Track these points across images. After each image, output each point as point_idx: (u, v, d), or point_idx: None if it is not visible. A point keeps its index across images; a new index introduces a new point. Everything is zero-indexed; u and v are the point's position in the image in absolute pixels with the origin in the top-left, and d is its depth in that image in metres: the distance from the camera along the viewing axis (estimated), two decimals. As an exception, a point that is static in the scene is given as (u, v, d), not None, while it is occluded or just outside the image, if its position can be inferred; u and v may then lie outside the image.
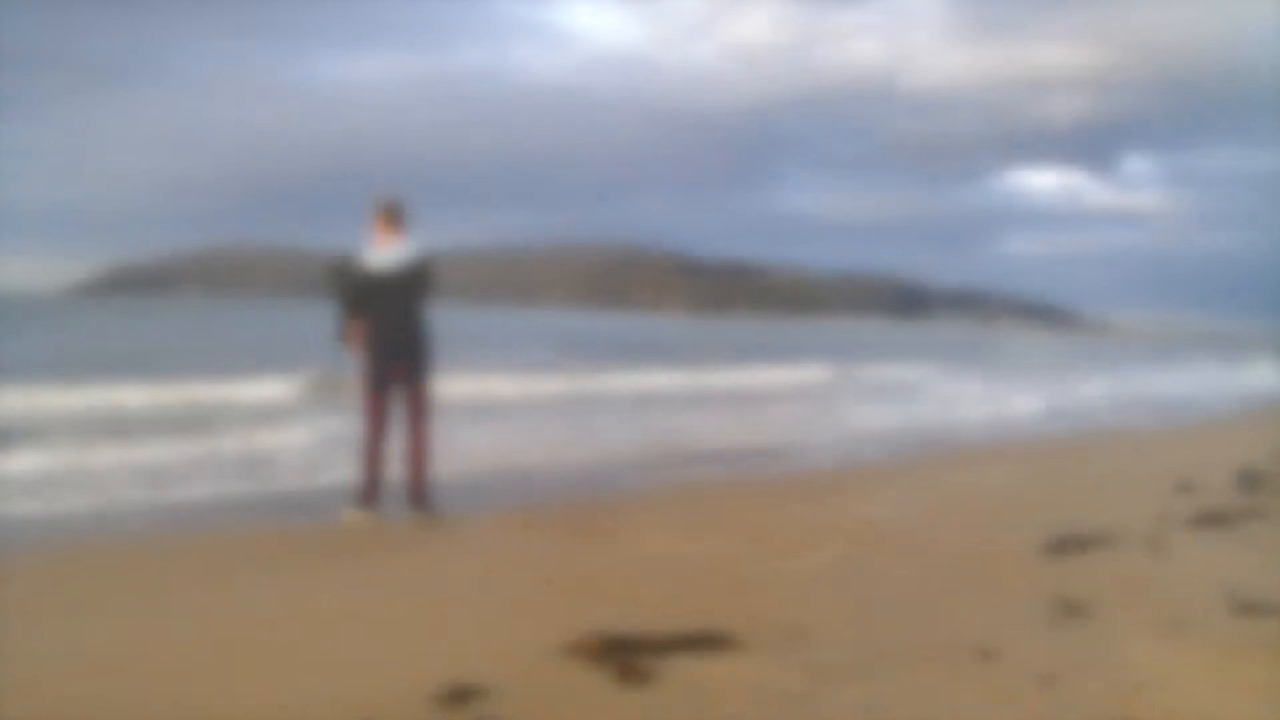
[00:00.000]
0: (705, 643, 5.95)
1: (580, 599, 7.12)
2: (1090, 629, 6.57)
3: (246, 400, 21.28)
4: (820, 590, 7.51)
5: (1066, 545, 9.02)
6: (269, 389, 22.53)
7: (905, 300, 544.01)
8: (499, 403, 23.08)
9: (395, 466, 9.99)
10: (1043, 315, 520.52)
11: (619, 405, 23.48)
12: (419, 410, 10.08)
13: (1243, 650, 6.05)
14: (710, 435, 18.19)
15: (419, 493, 10.00)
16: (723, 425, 19.99)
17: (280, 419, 18.02)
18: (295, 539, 9.17)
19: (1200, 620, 6.71)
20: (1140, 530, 9.81)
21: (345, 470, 11.36)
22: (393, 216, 10.25)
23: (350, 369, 10.36)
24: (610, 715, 4.94)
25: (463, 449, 14.34)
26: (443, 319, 10.57)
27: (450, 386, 26.77)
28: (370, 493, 9.95)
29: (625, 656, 5.57)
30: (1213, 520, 10.30)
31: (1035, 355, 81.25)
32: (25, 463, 12.36)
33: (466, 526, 9.75)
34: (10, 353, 36.02)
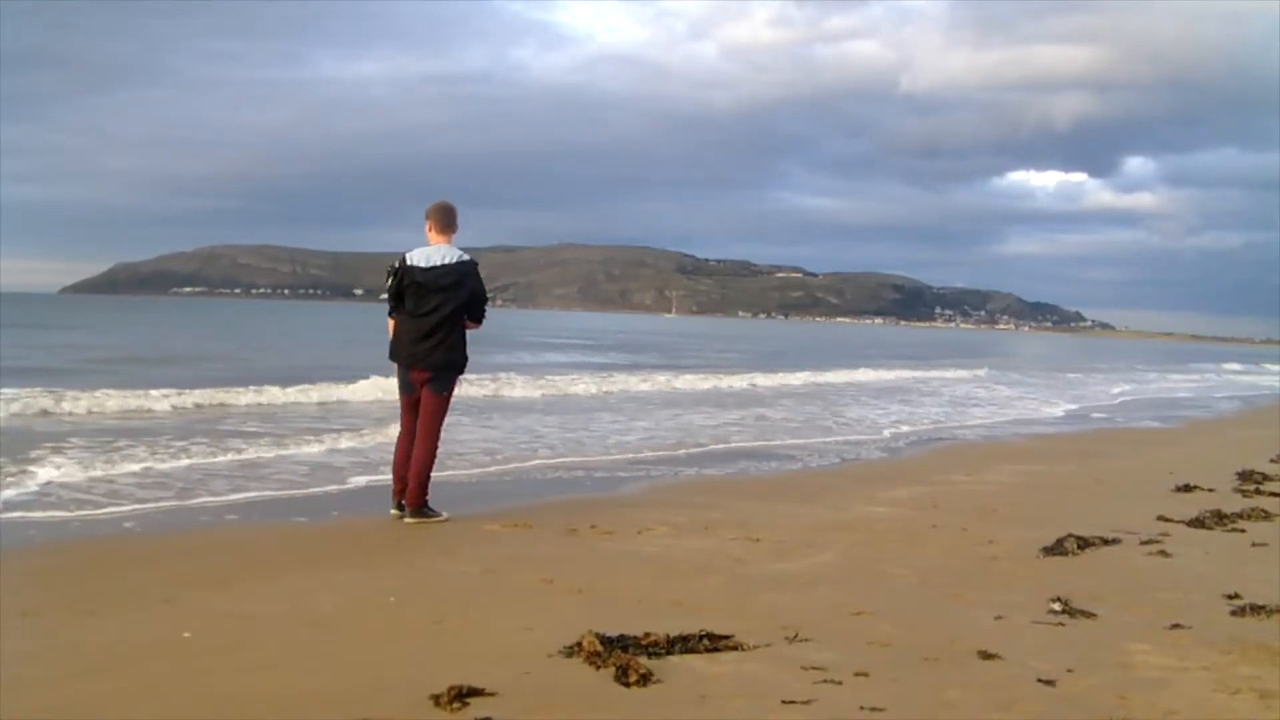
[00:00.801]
0: (705, 643, 5.94)
1: (580, 599, 7.12)
2: (1091, 629, 6.57)
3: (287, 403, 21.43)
4: (820, 590, 7.51)
5: (1067, 545, 9.02)
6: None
7: (906, 300, 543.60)
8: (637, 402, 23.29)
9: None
10: (1044, 315, 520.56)
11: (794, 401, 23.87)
12: (428, 419, 10.03)
13: (1242, 650, 6.05)
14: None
15: (412, 499, 9.95)
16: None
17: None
18: (294, 540, 9.17)
19: (1200, 620, 6.71)
20: (1141, 530, 9.82)
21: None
22: (440, 218, 10.12)
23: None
24: (610, 716, 4.93)
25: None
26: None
27: (539, 388, 27.13)
28: (398, 491, 10.06)
29: (625, 657, 5.56)
30: (1213, 520, 10.30)
31: (1047, 356, 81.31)
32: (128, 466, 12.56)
33: (466, 527, 9.74)
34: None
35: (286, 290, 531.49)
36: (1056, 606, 6.98)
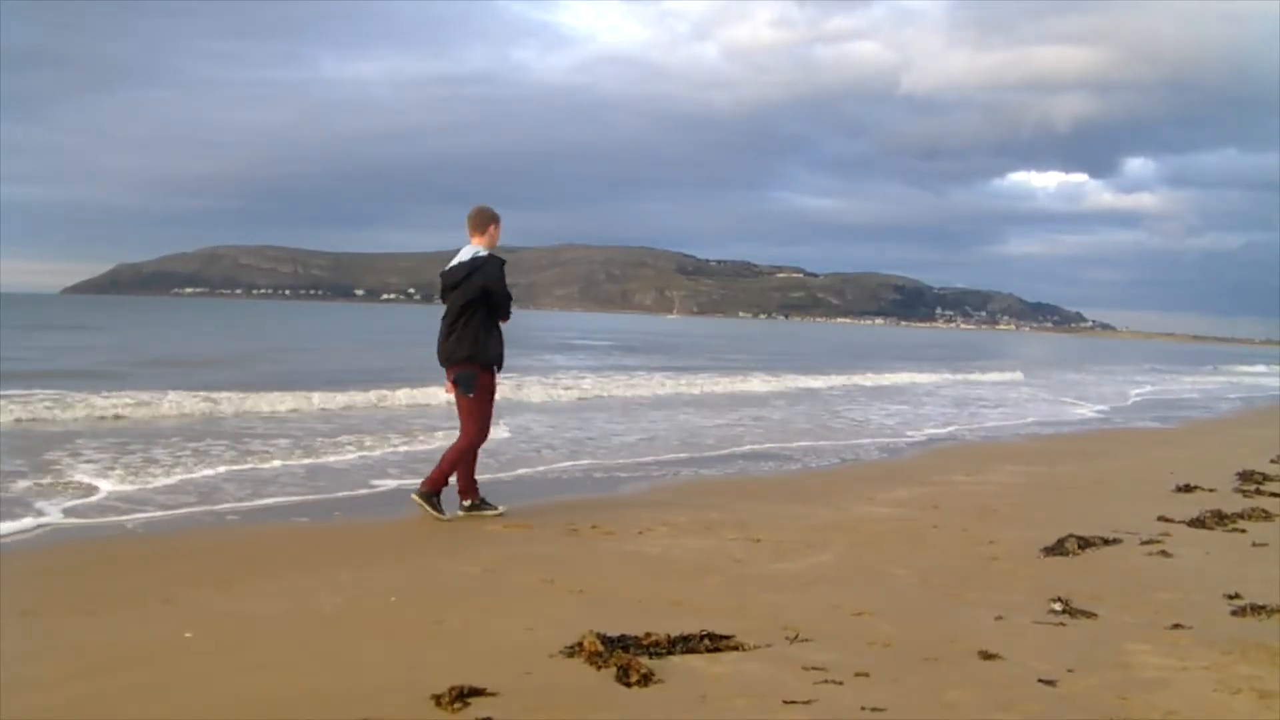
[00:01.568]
0: (706, 643, 5.95)
1: (581, 599, 7.12)
2: (1091, 629, 6.58)
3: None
4: (821, 591, 7.51)
5: (1067, 545, 9.03)
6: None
7: (906, 301, 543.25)
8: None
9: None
10: (1044, 316, 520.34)
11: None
12: (460, 416, 10.24)
13: (1243, 650, 6.05)
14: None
15: (428, 480, 10.13)
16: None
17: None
18: (296, 540, 9.17)
19: (1201, 620, 6.71)
20: (1141, 531, 9.82)
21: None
22: (471, 221, 10.24)
23: None
24: (611, 716, 4.94)
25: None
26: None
27: (620, 390, 27.36)
28: (459, 490, 10.31)
29: (626, 657, 5.57)
30: (1213, 521, 10.30)
31: (1064, 357, 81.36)
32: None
33: (468, 527, 9.75)
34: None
35: (287, 291, 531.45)
36: (1057, 607, 6.98)
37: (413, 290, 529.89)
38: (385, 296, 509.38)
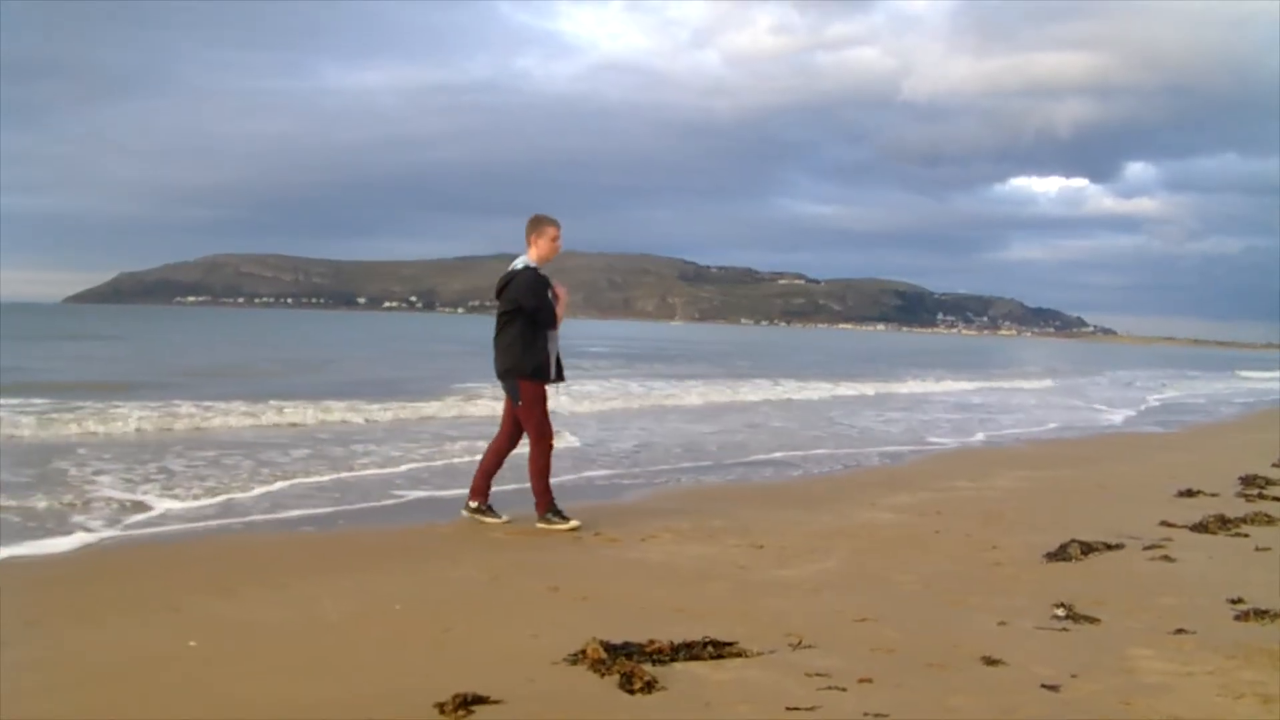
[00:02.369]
0: (710, 650, 5.95)
1: (584, 606, 7.13)
2: (1094, 634, 6.58)
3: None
4: (824, 597, 7.52)
5: (1070, 551, 9.03)
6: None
7: (908, 307, 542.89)
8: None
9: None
10: (1046, 321, 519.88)
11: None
12: (524, 428, 10.25)
13: (1246, 655, 6.05)
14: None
15: (538, 507, 10.14)
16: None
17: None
18: (300, 547, 9.18)
19: (1204, 625, 6.71)
20: (1144, 535, 9.82)
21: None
22: (526, 230, 10.22)
23: None
24: (615, 723, 4.95)
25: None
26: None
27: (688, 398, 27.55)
28: (473, 489, 10.36)
29: (630, 664, 5.57)
30: (1216, 525, 10.31)
31: (1085, 363, 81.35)
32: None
33: (472, 534, 9.75)
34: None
35: (289, 299, 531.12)
36: (1060, 612, 6.98)
37: (414, 299, 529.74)
38: (387, 305, 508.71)
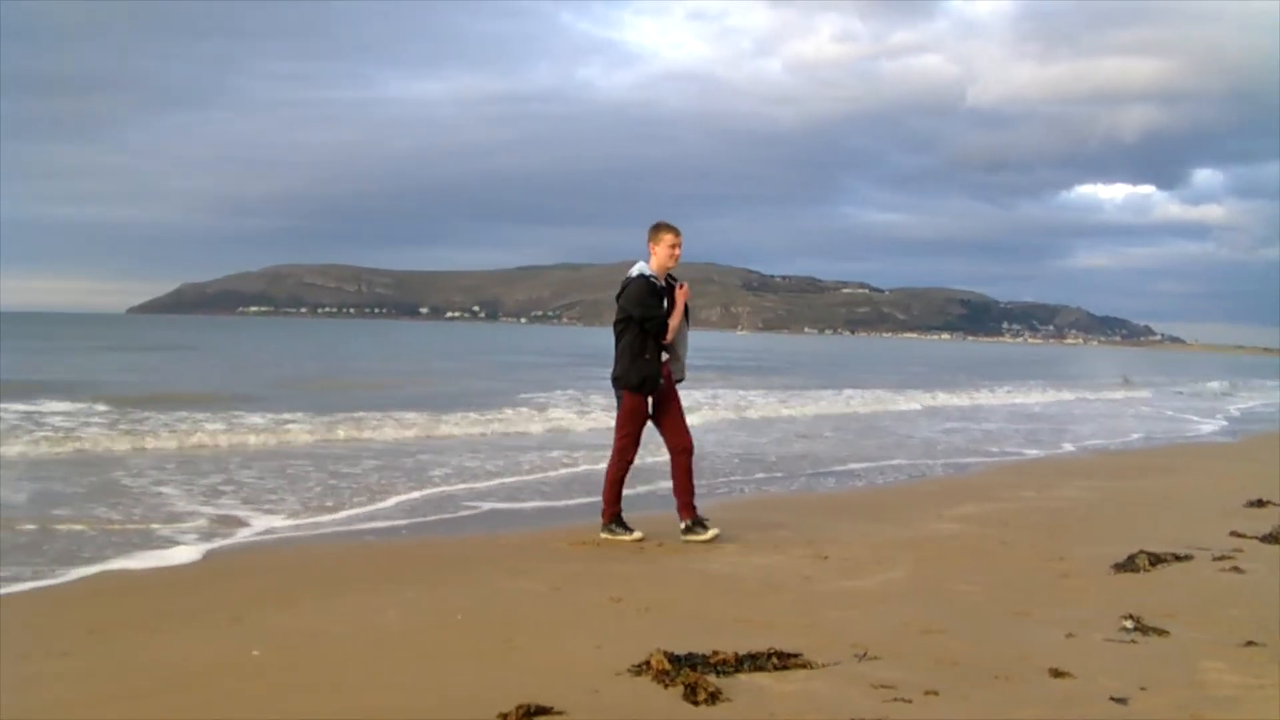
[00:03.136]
0: (774, 661, 5.93)
1: (648, 617, 7.12)
2: (1163, 646, 6.51)
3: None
4: (890, 608, 7.47)
5: (1138, 561, 8.94)
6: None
7: (973, 315, 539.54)
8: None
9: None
10: (1112, 329, 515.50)
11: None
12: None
13: (1318, 668, 5.98)
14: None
15: (603, 510, 10.08)
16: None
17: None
18: (362, 557, 9.23)
19: (1274, 638, 6.62)
20: (1213, 546, 9.72)
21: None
22: (648, 238, 10.06)
23: None
24: (679, 734, 4.94)
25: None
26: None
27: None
28: (604, 507, 10.11)
29: (694, 675, 5.55)
30: (1286, 536, 10.19)
31: (1168, 372, 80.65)
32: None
33: (534, 545, 9.76)
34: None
35: (351, 309, 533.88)
36: (1128, 624, 6.91)
37: (477, 308, 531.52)
38: (449, 315, 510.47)
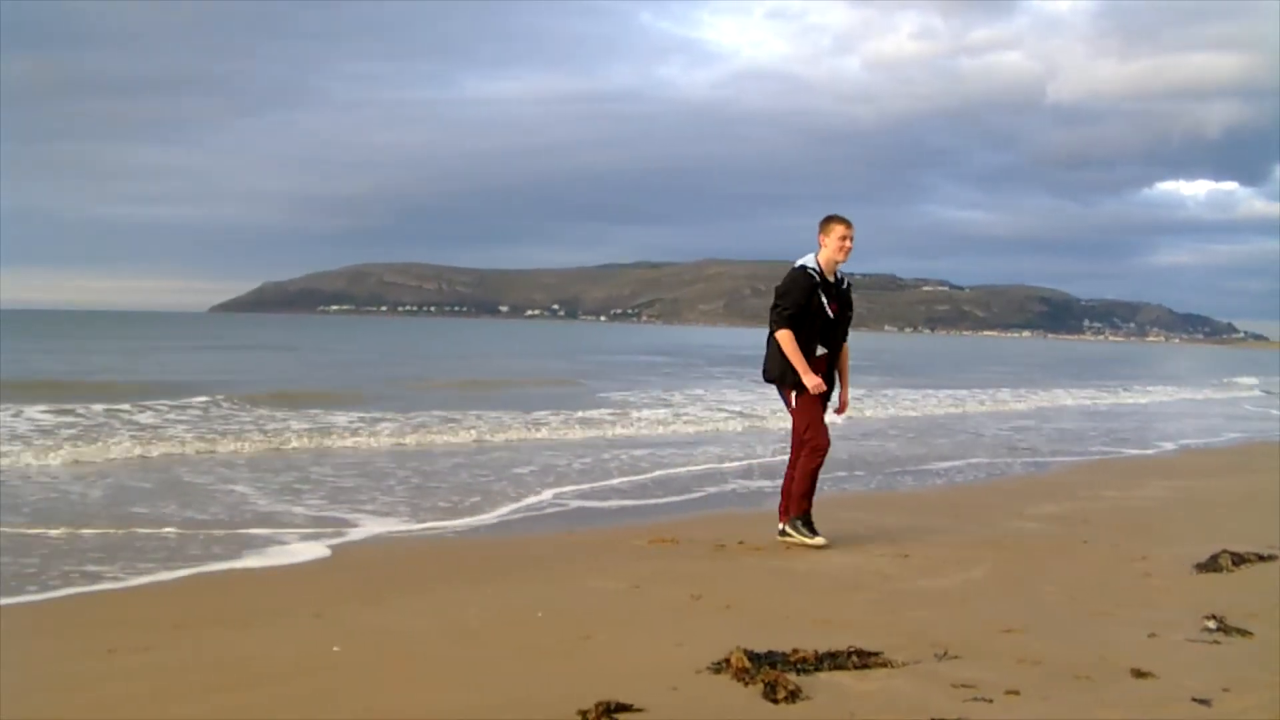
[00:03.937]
0: (854, 660, 5.92)
1: (727, 615, 7.12)
2: (1247, 647, 6.44)
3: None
4: (970, 607, 7.45)
5: (1221, 561, 8.85)
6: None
7: (1053, 313, 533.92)
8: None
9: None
10: (1195, 327, 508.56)
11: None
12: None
13: None
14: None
15: (787, 504, 9.75)
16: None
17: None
18: (443, 554, 9.29)
19: (1363, 639, 6.56)
20: (1299, 546, 9.61)
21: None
22: (818, 230, 10.07)
23: None
24: (758, 732, 4.95)
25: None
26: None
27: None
28: (787, 503, 9.77)
29: (773, 673, 5.55)
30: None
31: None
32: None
33: (614, 542, 9.79)
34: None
35: (431, 307, 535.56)
36: (1211, 624, 6.84)
37: (557, 306, 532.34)
38: (530, 313, 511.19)
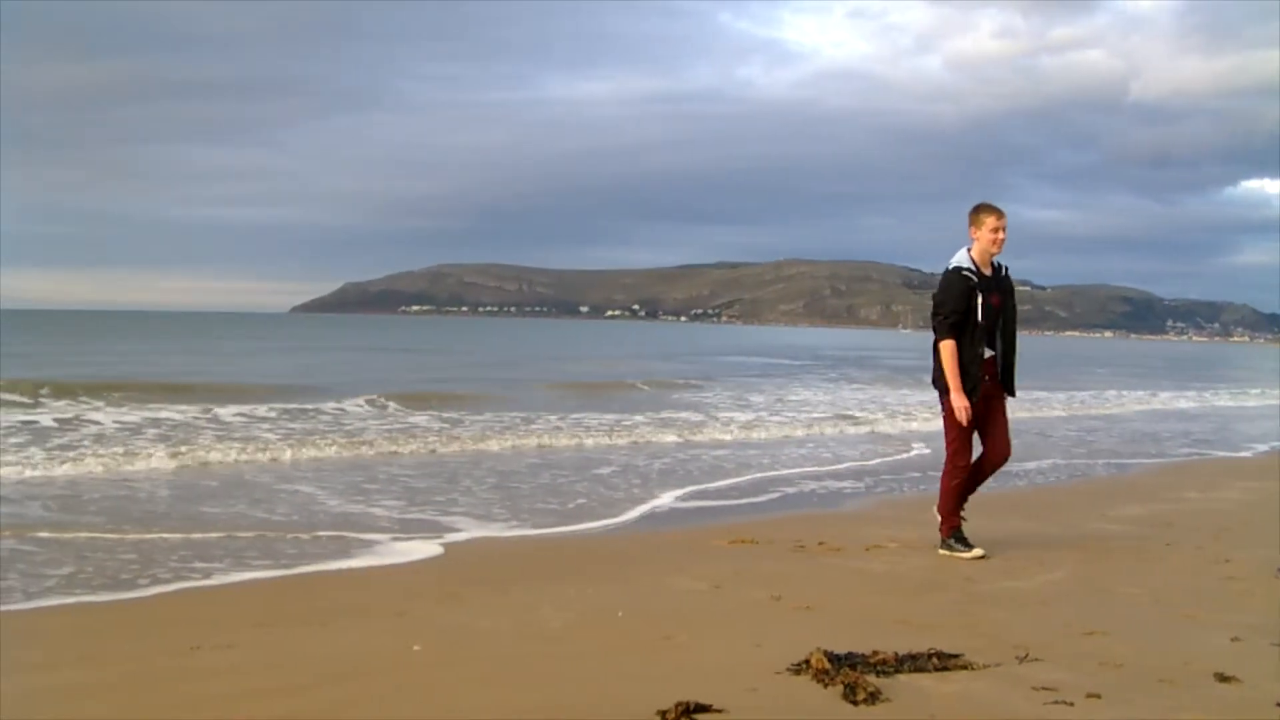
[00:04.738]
0: (935, 662, 5.91)
1: (807, 616, 7.12)
2: (1334, 653, 6.38)
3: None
4: (1051, 609, 7.41)
5: (1308, 565, 8.77)
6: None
7: (1136, 313, 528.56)
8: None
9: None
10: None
11: None
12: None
13: None
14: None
15: (940, 523, 9.52)
16: None
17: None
18: (521, 555, 9.34)
19: None
20: (1388, 550, 9.49)
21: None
22: (968, 222, 9.16)
23: None
24: (838, 733, 4.95)
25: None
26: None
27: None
28: (940, 520, 9.56)
29: (853, 675, 5.55)
30: None
31: None
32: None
33: (694, 543, 9.81)
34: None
35: (512, 308, 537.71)
36: (1297, 629, 6.79)
37: (637, 307, 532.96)
38: (610, 313, 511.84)
